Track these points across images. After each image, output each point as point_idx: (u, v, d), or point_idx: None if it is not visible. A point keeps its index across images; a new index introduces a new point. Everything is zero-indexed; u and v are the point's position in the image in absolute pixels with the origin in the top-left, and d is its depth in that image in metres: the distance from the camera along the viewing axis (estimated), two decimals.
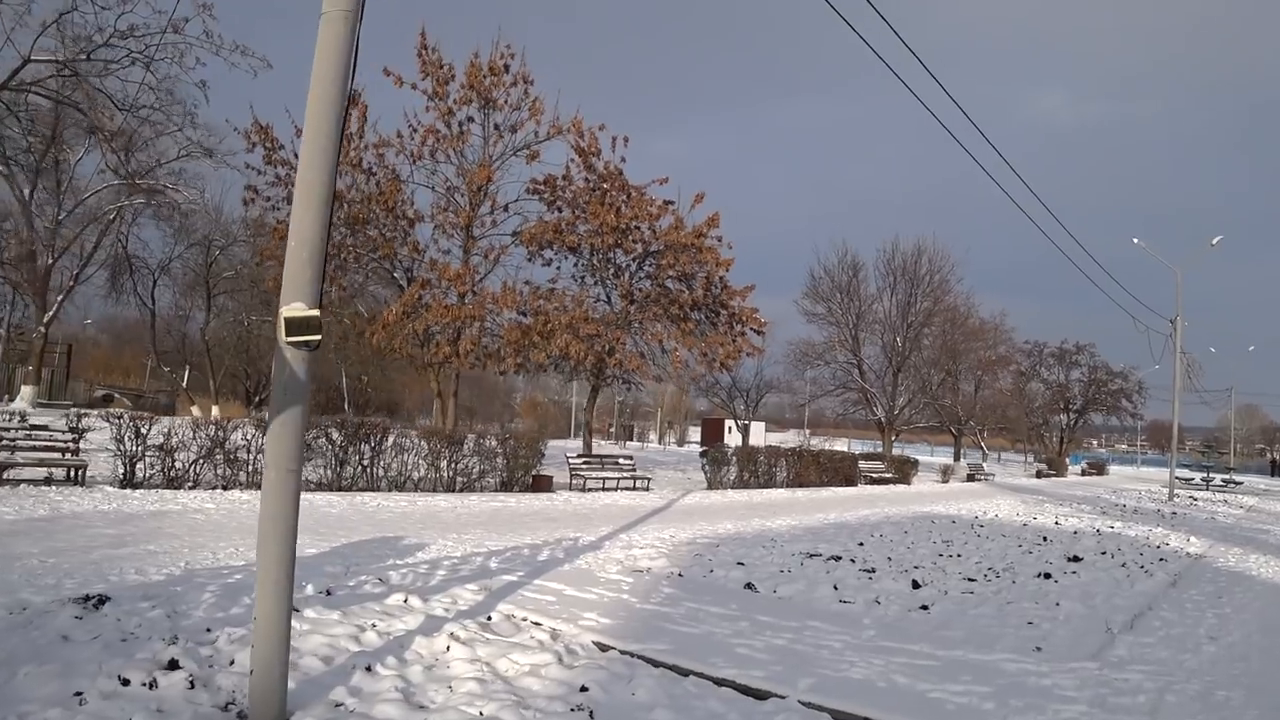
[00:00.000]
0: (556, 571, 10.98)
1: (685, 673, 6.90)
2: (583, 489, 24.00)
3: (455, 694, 6.01)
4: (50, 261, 37.73)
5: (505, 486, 22.87)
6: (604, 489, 24.63)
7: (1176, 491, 41.14)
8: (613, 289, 29.43)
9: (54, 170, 37.72)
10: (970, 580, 12.37)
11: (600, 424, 77.52)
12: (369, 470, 20.67)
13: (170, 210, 38.64)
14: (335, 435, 20.18)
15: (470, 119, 26.42)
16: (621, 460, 26.29)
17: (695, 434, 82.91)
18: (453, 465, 22.08)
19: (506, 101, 26.80)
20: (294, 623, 5.99)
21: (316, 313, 5.09)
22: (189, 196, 36.41)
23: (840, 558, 13.87)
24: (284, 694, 5.27)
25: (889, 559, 14.15)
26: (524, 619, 8.34)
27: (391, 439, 21.37)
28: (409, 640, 7.11)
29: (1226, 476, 59.19)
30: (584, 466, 24.88)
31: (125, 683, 5.58)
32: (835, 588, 11.12)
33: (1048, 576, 13.02)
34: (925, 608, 10.12)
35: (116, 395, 53.00)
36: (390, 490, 20.60)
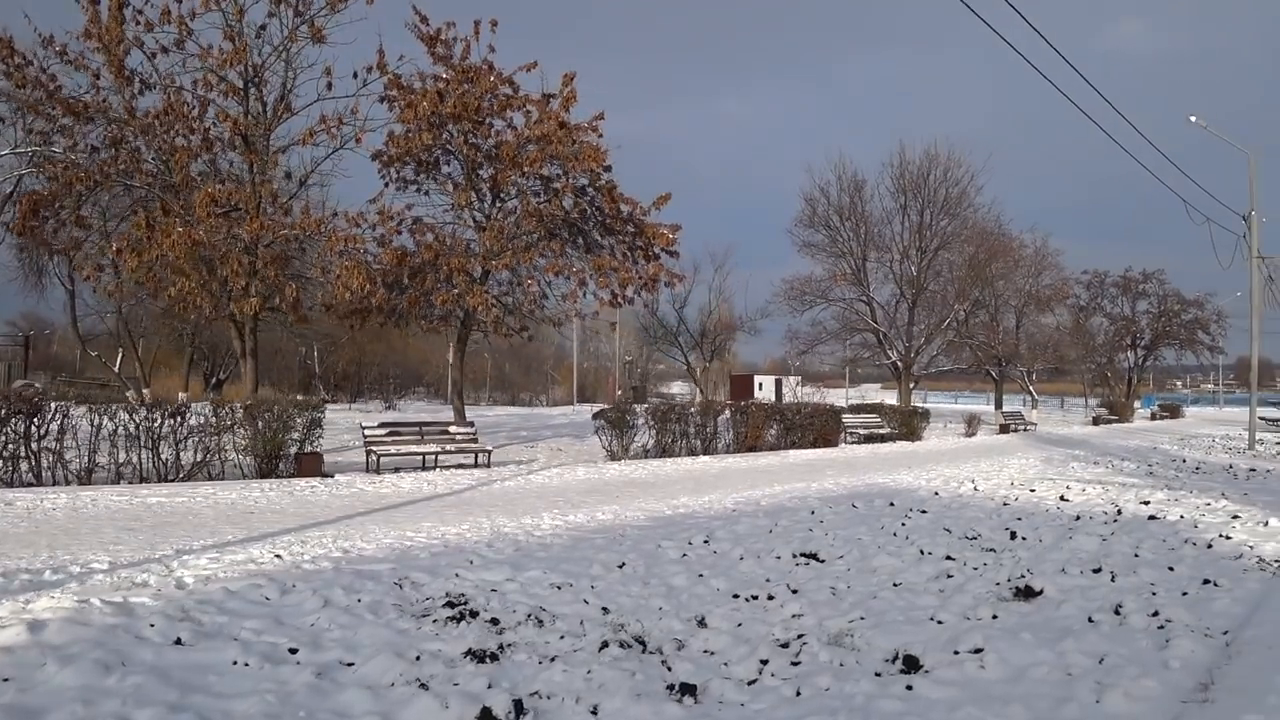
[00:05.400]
0: None
1: None
2: (376, 469, 16.86)
3: None
4: None
5: (265, 471, 16.00)
6: (424, 467, 17.56)
7: (1260, 437, 32.56)
8: (479, 211, 22.15)
9: None
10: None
11: (604, 384, 70.44)
12: (34, 457, 14.38)
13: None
14: None
15: None
16: (454, 429, 19.06)
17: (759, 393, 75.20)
18: (170, 444, 15.33)
19: None
20: None
21: None
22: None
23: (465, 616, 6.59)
24: None
25: (605, 611, 6.86)
26: None
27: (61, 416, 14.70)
28: None
29: None
30: (385, 439, 17.65)
31: None
32: None
33: (909, 668, 5.61)
34: None
35: (36, 385, 47.41)
36: (74, 484, 14.35)
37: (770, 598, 7.43)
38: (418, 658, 5.80)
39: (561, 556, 9.04)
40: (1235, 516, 12.93)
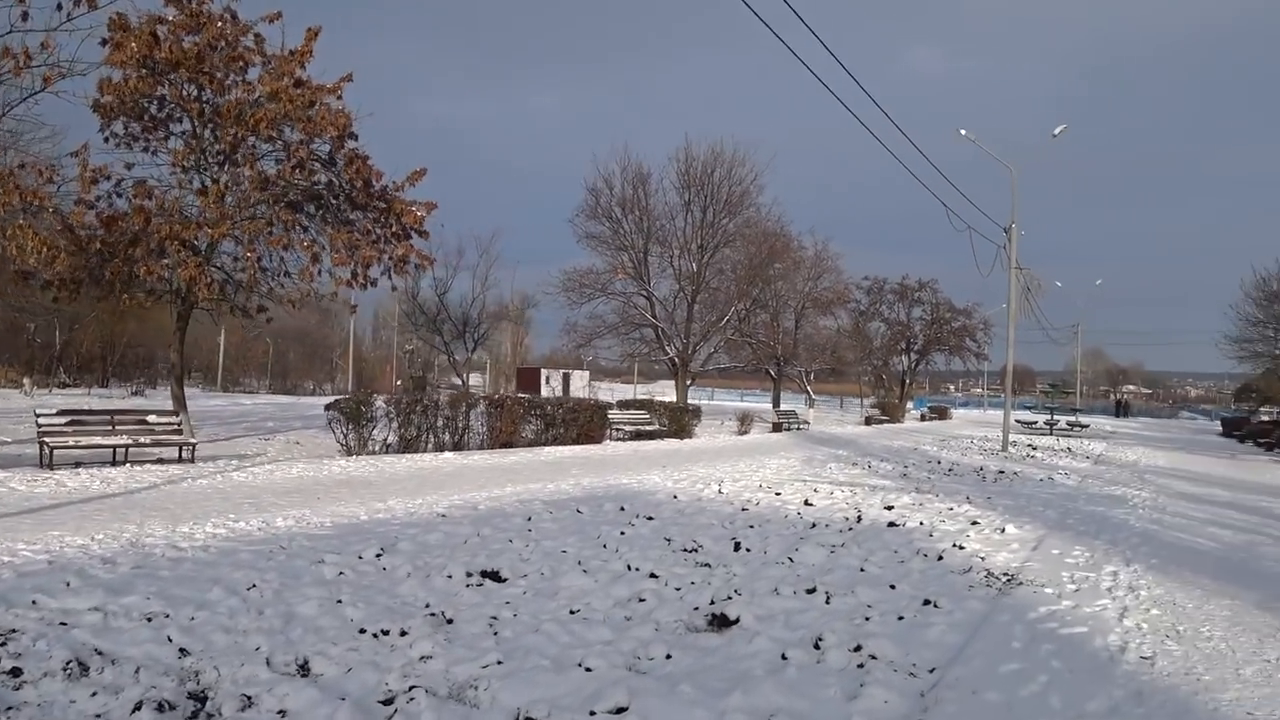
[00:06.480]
0: None
1: None
2: (49, 464, 14.54)
3: None
4: None
5: None
6: (114, 462, 15.36)
7: (1013, 439, 33.66)
8: (209, 176, 19.74)
9: None
10: None
11: (381, 373, 67.62)
12: None
13: None
14: None
15: None
16: (153, 419, 16.81)
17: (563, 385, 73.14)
18: None
19: None
20: None
21: None
22: None
23: None
24: None
25: (183, 653, 5.33)
26: None
27: None
28: None
29: (1072, 419, 52.98)
30: (64, 429, 15.31)
31: None
32: None
33: None
34: None
35: None
36: None
37: (404, 633, 6.02)
38: None
39: (187, 576, 7.39)
40: (974, 523, 12.50)
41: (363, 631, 6.04)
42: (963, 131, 31.82)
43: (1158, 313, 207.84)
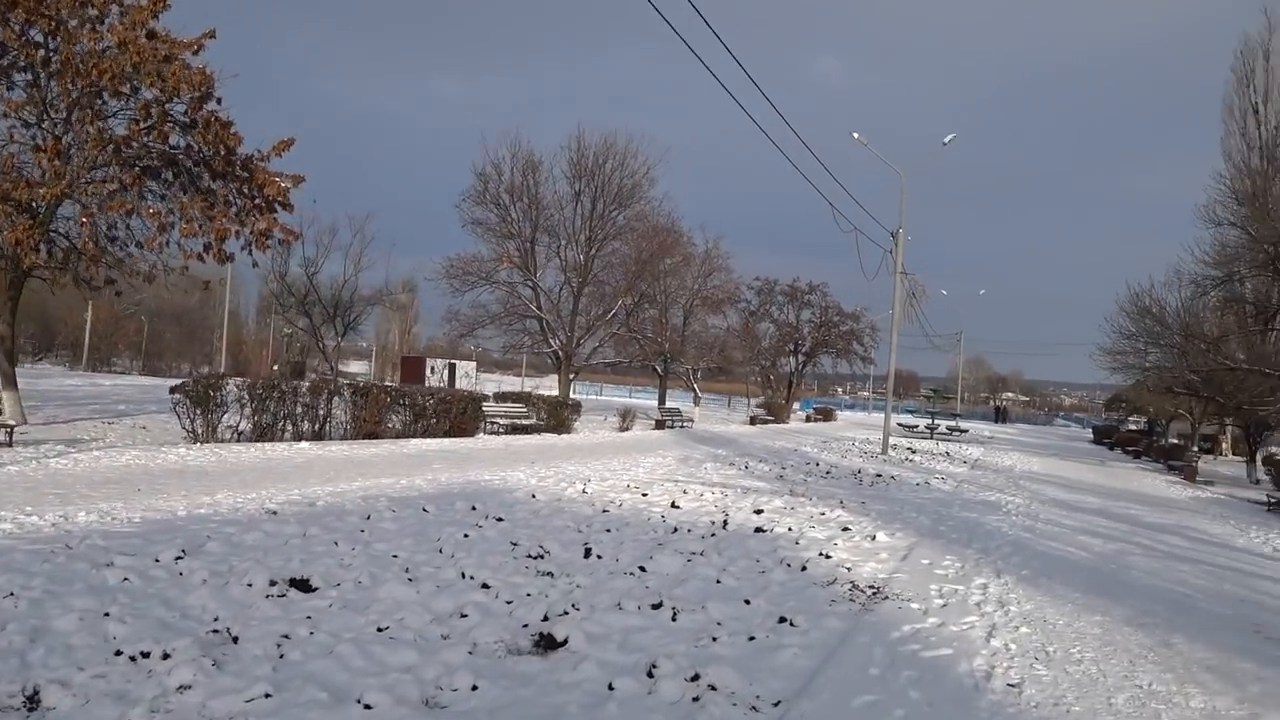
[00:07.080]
0: None
1: None
2: None
3: None
4: None
5: None
6: None
7: (894, 443, 33.78)
8: (50, 131, 18.15)
9: None
10: None
11: (259, 357, 65.21)
12: None
13: None
14: None
15: None
16: None
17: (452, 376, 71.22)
18: None
19: None
20: None
21: None
22: None
23: None
24: None
25: None
26: None
27: None
28: None
29: (952, 424, 53.96)
30: None
31: None
32: None
33: None
34: None
35: None
36: None
37: (166, 656, 5.12)
38: None
39: None
40: (845, 529, 12.06)
41: (119, 654, 5.13)
42: (855, 135, 31.79)
43: (1037, 324, 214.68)
